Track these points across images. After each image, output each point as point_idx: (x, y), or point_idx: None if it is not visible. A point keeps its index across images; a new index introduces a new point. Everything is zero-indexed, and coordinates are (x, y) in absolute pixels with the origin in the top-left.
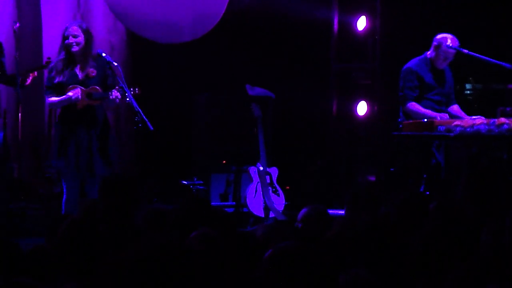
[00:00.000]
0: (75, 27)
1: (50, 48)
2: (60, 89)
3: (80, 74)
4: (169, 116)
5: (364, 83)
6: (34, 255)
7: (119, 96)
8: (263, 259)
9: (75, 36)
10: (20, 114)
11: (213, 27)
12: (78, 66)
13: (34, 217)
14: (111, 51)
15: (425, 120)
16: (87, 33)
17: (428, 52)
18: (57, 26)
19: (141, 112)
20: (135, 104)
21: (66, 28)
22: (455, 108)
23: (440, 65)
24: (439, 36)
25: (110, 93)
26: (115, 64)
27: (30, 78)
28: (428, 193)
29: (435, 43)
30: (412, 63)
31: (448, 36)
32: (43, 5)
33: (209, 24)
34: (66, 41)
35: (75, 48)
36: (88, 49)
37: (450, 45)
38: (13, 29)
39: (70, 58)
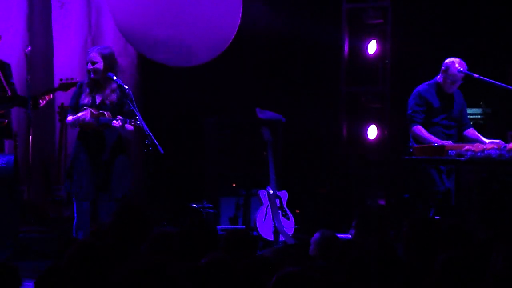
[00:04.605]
0: (94, 54)
1: (62, 71)
2: (78, 111)
3: (98, 99)
4: (179, 140)
5: (374, 107)
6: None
7: (120, 124)
8: (269, 284)
9: (93, 63)
10: (30, 137)
11: (223, 51)
12: (101, 90)
13: (43, 240)
14: (121, 74)
15: (436, 144)
16: (108, 59)
17: (438, 77)
18: (69, 49)
19: (151, 135)
20: (145, 127)
21: (87, 53)
22: (471, 131)
23: (448, 89)
24: (447, 60)
25: (114, 120)
26: (126, 87)
27: (45, 100)
28: (438, 217)
29: (443, 67)
30: (421, 88)
31: (456, 60)
32: (55, 28)
33: (219, 48)
34: (87, 67)
35: (93, 75)
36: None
37: (461, 69)
38: (24, 52)
39: (93, 82)
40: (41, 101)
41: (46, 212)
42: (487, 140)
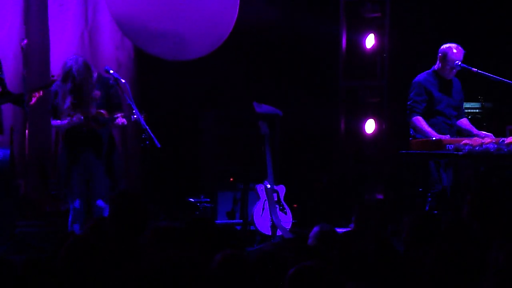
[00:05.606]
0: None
1: (58, 65)
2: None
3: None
4: (176, 134)
5: (372, 101)
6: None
7: (125, 122)
8: (285, 277)
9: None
10: (27, 132)
11: (220, 44)
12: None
13: (40, 235)
14: (118, 68)
15: (434, 138)
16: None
17: (435, 65)
18: (65, 43)
19: (148, 129)
20: (142, 121)
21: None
22: (464, 121)
23: (448, 75)
24: (444, 47)
25: (116, 118)
26: (123, 81)
27: (35, 98)
28: (436, 212)
29: (440, 54)
30: (421, 77)
31: (453, 45)
32: (51, 22)
33: (216, 41)
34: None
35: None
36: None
37: (458, 63)
38: (20, 45)
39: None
40: (32, 98)
41: (43, 207)
42: (482, 132)
